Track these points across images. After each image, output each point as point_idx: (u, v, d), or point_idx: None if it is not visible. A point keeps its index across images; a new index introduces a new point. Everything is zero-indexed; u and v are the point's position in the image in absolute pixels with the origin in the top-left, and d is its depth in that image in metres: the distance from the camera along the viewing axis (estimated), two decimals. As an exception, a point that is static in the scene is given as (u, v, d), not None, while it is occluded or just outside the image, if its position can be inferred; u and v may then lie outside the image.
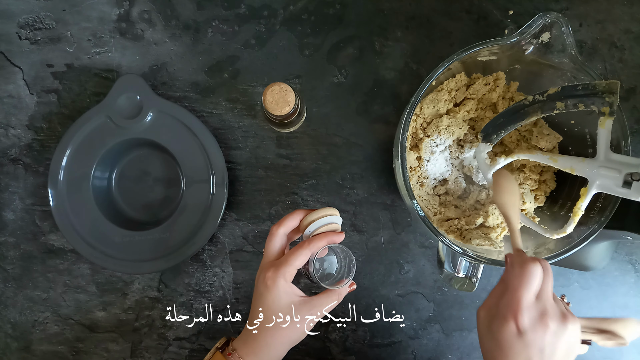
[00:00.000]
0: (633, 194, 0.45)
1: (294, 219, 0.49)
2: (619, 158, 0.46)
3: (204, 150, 0.61)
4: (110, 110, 0.60)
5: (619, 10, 0.63)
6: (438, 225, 0.58)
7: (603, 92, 0.44)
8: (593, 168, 0.48)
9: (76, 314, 0.65)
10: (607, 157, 0.47)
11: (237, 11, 0.64)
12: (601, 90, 0.44)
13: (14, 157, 0.65)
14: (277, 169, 0.65)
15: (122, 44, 0.64)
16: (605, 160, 0.47)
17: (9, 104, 0.65)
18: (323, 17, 0.64)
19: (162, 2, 0.64)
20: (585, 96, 0.45)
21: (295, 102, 0.54)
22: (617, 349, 0.65)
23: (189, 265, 0.65)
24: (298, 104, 0.55)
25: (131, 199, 0.65)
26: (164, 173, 0.64)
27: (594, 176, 0.48)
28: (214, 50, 0.64)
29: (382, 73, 0.64)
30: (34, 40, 0.64)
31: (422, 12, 0.64)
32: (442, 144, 0.58)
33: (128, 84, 0.60)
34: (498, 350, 0.41)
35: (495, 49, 0.52)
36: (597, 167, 0.47)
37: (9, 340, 0.65)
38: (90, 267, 0.65)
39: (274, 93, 0.53)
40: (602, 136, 0.47)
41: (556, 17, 0.48)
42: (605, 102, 0.44)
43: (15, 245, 0.65)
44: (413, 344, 0.65)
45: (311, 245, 0.46)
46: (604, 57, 0.63)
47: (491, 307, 0.43)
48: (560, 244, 0.52)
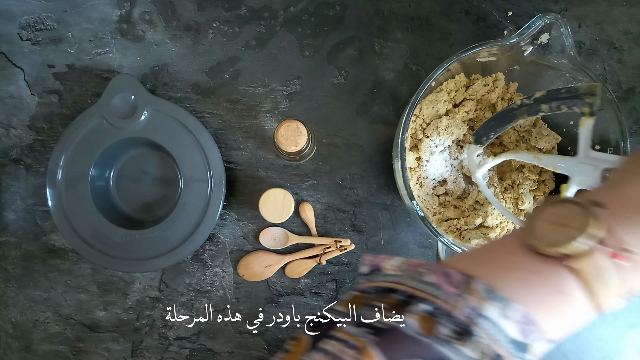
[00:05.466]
0: None
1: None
2: (597, 155, 0.48)
3: (201, 148, 0.61)
4: (105, 110, 0.60)
5: (618, 11, 0.63)
6: (437, 226, 0.58)
7: (584, 94, 0.47)
8: (573, 165, 0.50)
9: (77, 313, 0.65)
10: (586, 155, 0.49)
11: (238, 12, 0.64)
12: (582, 92, 0.47)
13: (15, 157, 0.65)
14: (277, 170, 0.65)
15: (123, 45, 0.65)
16: (584, 157, 0.49)
17: (10, 105, 0.65)
18: (323, 19, 0.64)
19: (163, 3, 0.64)
20: (568, 98, 0.48)
21: (306, 143, 0.54)
22: (617, 348, 0.65)
23: (189, 265, 0.65)
24: (307, 145, 0.56)
25: (130, 198, 0.65)
26: (162, 172, 0.65)
27: (574, 173, 0.50)
28: (215, 51, 0.64)
29: (382, 74, 0.64)
30: (35, 41, 0.65)
31: (422, 13, 0.64)
32: (441, 145, 0.58)
33: (122, 84, 0.60)
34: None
35: (495, 50, 0.52)
36: (577, 164, 0.49)
37: (10, 339, 0.66)
38: (91, 267, 0.65)
39: (289, 129, 0.53)
40: (582, 135, 0.49)
41: (555, 18, 0.48)
42: (585, 103, 0.47)
43: (17, 245, 0.65)
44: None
45: None
46: (603, 58, 0.64)
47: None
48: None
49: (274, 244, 0.64)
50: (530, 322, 0.25)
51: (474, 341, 0.25)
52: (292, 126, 0.54)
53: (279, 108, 0.64)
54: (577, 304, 0.27)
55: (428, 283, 0.27)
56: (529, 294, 0.26)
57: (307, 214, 0.63)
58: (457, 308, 0.25)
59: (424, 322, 0.25)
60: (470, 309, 0.25)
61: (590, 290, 0.26)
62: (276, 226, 0.64)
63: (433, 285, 0.27)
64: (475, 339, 0.25)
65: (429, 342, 0.24)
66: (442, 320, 0.25)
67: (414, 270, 0.28)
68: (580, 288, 0.26)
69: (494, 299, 0.25)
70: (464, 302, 0.26)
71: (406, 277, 0.28)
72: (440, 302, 0.26)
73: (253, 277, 0.64)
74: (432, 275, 0.27)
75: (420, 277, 0.27)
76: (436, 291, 0.26)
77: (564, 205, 0.28)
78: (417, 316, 0.26)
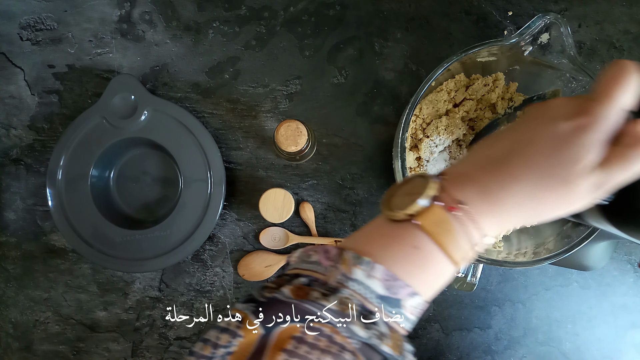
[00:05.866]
0: None
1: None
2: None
3: (201, 148, 0.61)
4: (105, 110, 0.60)
5: (618, 11, 0.63)
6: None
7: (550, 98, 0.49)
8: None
9: (77, 313, 0.65)
10: None
11: (238, 12, 0.64)
12: (548, 97, 0.50)
13: (15, 157, 0.65)
14: (277, 170, 0.65)
15: (123, 45, 0.65)
16: None
17: (10, 105, 0.65)
18: (323, 18, 0.64)
19: (163, 3, 0.64)
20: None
21: (306, 143, 0.54)
22: (617, 348, 0.65)
23: (189, 265, 0.65)
24: (307, 145, 0.56)
25: (130, 198, 0.65)
26: (162, 172, 0.65)
27: None
28: (215, 51, 0.64)
29: (382, 74, 0.64)
30: (35, 41, 0.65)
31: (422, 13, 0.64)
32: (441, 145, 0.58)
33: (122, 84, 0.60)
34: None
35: (495, 49, 0.52)
36: None
37: (10, 340, 0.66)
38: (91, 267, 0.65)
39: (289, 129, 0.54)
40: None
41: (555, 18, 0.48)
42: None
43: (17, 245, 0.65)
44: (413, 343, 0.65)
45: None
46: (603, 57, 0.64)
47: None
48: (559, 244, 0.52)
49: (274, 244, 0.64)
50: (393, 278, 0.29)
51: (336, 296, 0.29)
52: (292, 126, 0.54)
53: (279, 108, 0.65)
54: (433, 257, 0.31)
55: (312, 262, 0.31)
56: (389, 254, 0.30)
57: (307, 214, 0.63)
58: (331, 277, 0.30)
59: (299, 290, 0.30)
60: (342, 275, 0.30)
61: (437, 241, 0.30)
62: (276, 226, 0.65)
63: (315, 263, 0.31)
64: (337, 295, 0.29)
65: (298, 302, 0.28)
66: (316, 287, 0.30)
67: (305, 254, 0.33)
68: (430, 241, 0.31)
69: (360, 263, 0.30)
70: (337, 271, 0.30)
71: (299, 262, 0.33)
72: (318, 275, 0.30)
73: (253, 277, 0.64)
74: (316, 254, 0.32)
75: (308, 258, 0.32)
76: (316, 267, 0.31)
77: (413, 180, 0.33)
78: (292, 286, 0.30)
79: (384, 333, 0.29)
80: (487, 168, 0.32)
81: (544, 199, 0.31)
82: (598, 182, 0.30)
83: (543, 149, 0.31)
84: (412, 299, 0.30)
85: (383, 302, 0.30)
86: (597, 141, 0.30)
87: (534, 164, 0.31)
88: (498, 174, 0.31)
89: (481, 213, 0.31)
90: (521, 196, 0.31)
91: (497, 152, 0.33)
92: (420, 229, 0.30)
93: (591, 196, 0.31)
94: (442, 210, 0.30)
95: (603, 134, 0.30)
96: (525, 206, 0.31)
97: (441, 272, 0.32)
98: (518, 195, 0.31)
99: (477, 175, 0.32)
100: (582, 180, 0.30)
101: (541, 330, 0.65)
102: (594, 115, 0.30)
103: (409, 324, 0.31)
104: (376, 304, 0.29)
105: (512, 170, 0.31)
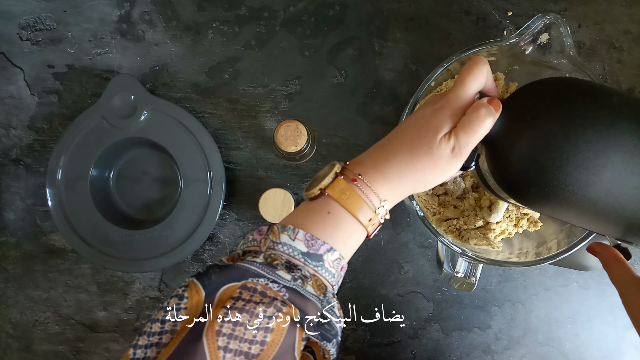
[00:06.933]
0: None
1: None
2: None
3: (201, 148, 0.61)
4: (105, 110, 0.60)
5: (618, 11, 0.63)
6: (437, 225, 0.58)
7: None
8: None
9: (77, 313, 0.65)
10: None
11: (238, 12, 0.64)
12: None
13: (15, 157, 0.65)
14: (277, 170, 0.65)
15: (122, 45, 0.65)
16: None
17: (10, 105, 0.65)
18: (323, 19, 0.64)
19: (162, 3, 0.64)
20: None
21: (305, 143, 0.54)
22: (617, 348, 0.65)
23: (189, 265, 0.65)
24: (307, 145, 0.56)
25: (130, 198, 0.65)
26: (162, 172, 0.65)
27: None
28: (215, 51, 0.64)
29: (382, 74, 0.64)
30: (35, 41, 0.65)
31: (422, 13, 0.64)
32: (441, 145, 0.58)
33: (122, 84, 0.60)
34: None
35: (494, 49, 0.52)
36: None
37: (10, 340, 0.66)
38: (91, 267, 0.65)
39: (289, 129, 0.54)
40: None
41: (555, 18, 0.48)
42: None
43: (16, 245, 0.65)
44: (412, 343, 0.65)
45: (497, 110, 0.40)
46: (603, 58, 0.64)
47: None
48: (560, 243, 0.52)
49: None
50: (312, 238, 0.37)
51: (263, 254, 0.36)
52: (292, 126, 0.54)
53: (279, 108, 0.65)
54: (344, 218, 0.38)
55: (249, 241, 0.39)
56: (309, 221, 0.38)
57: None
58: (263, 246, 0.37)
59: (234, 259, 0.37)
60: (271, 242, 0.37)
61: (345, 205, 0.38)
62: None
63: (252, 241, 0.39)
64: (264, 254, 0.36)
65: (234, 264, 0.35)
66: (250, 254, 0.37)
67: (245, 238, 0.40)
68: (339, 206, 0.38)
69: (285, 230, 0.37)
70: (268, 240, 0.38)
71: (241, 245, 0.40)
72: (252, 247, 0.38)
73: None
74: (252, 235, 0.39)
75: (247, 240, 0.40)
76: (253, 242, 0.39)
77: (324, 168, 0.42)
78: (229, 256, 0.37)
79: (306, 275, 0.36)
80: (377, 150, 0.41)
81: (418, 164, 0.39)
82: (454, 145, 0.38)
83: (413, 127, 0.40)
84: (331, 254, 0.37)
85: (306, 257, 0.37)
86: (450, 116, 0.39)
87: (407, 138, 0.40)
88: (383, 151, 0.40)
89: (375, 182, 0.39)
90: (402, 165, 0.39)
91: (384, 139, 0.42)
92: (330, 198, 0.38)
93: (455, 160, 0.39)
94: (344, 181, 0.39)
95: (454, 110, 0.39)
96: (406, 172, 0.39)
97: (352, 231, 0.39)
98: (399, 164, 0.39)
99: (370, 157, 0.41)
100: (442, 146, 0.38)
101: (541, 331, 0.65)
102: (447, 99, 0.40)
103: (332, 277, 0.38)
104: (300, 259, 0.36)
105: (394, 147, 0.40)
